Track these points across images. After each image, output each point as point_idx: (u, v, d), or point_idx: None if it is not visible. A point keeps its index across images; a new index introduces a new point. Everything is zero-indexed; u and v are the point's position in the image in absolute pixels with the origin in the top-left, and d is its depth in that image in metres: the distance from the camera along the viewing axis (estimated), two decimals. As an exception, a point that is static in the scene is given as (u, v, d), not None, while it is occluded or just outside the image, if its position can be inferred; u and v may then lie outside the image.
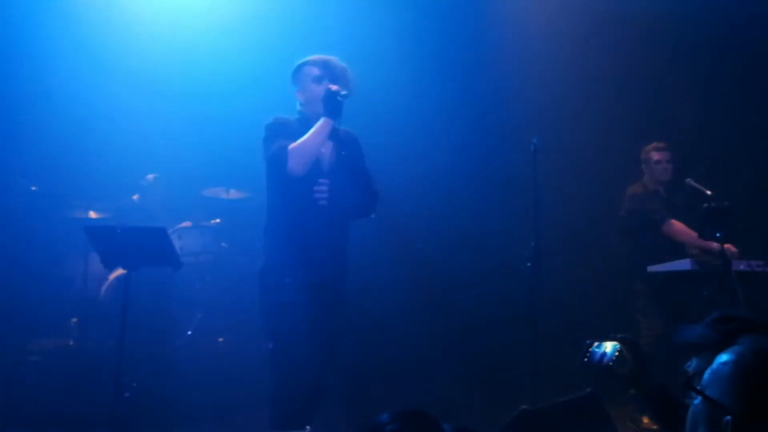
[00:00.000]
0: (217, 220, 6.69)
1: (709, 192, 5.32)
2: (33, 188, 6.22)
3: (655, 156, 5.70)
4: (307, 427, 3.09)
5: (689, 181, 5.50)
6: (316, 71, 3.66)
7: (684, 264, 5.27)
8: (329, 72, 3.64)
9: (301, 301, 3.52)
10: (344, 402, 4.91)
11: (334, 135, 3.67)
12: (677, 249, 5.53)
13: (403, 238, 6.62)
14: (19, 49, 6.42)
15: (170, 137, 6.81)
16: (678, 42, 6.64)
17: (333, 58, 3.71)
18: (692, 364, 2.39)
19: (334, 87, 3.54)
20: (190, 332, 6.14)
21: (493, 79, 6.80)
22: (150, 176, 6.73)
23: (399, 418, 1.64)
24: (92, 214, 6.29)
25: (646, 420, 5.25)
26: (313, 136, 3.53)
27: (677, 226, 5.48)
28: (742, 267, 5.12)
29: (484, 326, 6.34)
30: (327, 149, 3.68)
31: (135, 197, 6.69)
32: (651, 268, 5.41)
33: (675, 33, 6.63)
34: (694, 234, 5.35)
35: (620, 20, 6.69)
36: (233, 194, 6.61)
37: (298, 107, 3.79)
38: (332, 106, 3.52)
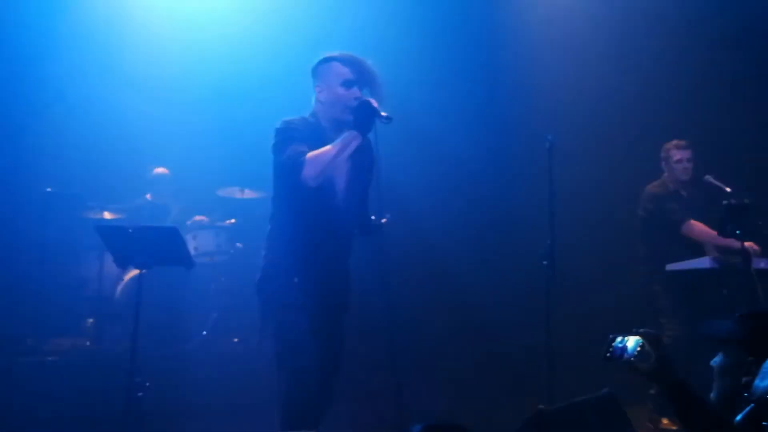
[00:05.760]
0: (232, 221, 6.69)
1: (728, 189, 5.24)
2: (48, 189, 6.24)
3: (676, 155, 5.59)
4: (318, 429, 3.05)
5: (708, 178, 5.42)
6: (347, 72, 3.32)
7: (703, 262, 5.21)
8: (361, 78, 3.30)
9: (308, 302, 3.40)
10: (354, 404, 4.88)
11: (359, 148, 3.36)
12: (696, 248, 5.45)
13: (419, 237, 6.60)
14: (33, 51, 6.45)
15: (184, 137, 6.83)
16: (699, 38, 6.56)
17: (367, 61, 3.36)
18: (717, 359, 2.36)
19: (374, 102, 3.19)
20: (205, 332, 6.15)
21: (510, 77, 6.77)
22: (159, 169, 6.75)
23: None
24: (107, 215, 6.31)
25: (665, 421, 5.19)
26: (337, 149, 3.19)
27: (697, 226, 5.37)
28: (762, 265, 5.04)
29: (501, 325, 6.31)
30: (346, 163, 3.39)
31: (148, 196, 6.70)
32: (670, 267, 5.35)
33: (696, 29, 6.55)
34: (713, 233, 5.26)
35: (639, 17, 6.63)
36: (248, 194, 6.61)
37: (314, 102, 3.52)
38: (365, 121, 3.18)
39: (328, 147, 3.21)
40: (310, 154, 3.20)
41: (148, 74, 6.81)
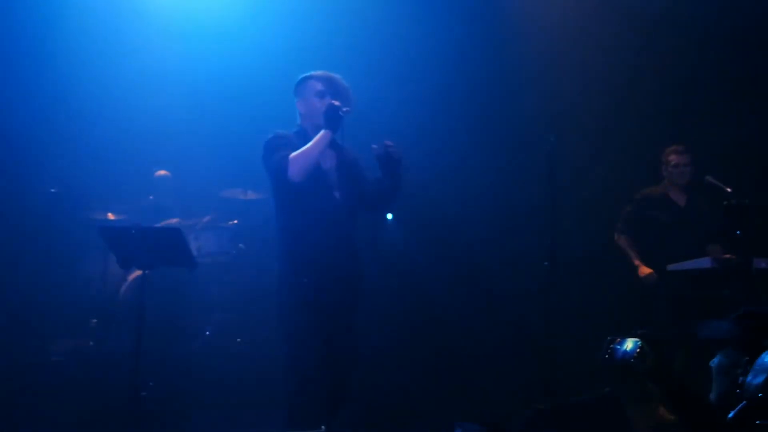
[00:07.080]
0: (235, 221, 6.71)
1: (729, 189, 5.25)
2: (52, 190, 6.27)
3: (674, 159, 5.65)
4: (322, 427, 3.11)
5: (708, 178, 5.44)
6: (319, 86, 3.84)
7: (704, 262, 5.23)
8: (332, 88, 3.81)
9: (320, 301, 3.60)
10: (360, 402, 4.91)
11: (337, 148, 3.85)
12: (690, 249, 5.47)
13: (419, 237, 6.62)
14: (37, 52, 6.48)
15: (188, 138, 6.85)
16: (700, 39, 6.56)
17: (337, 76, 3.89)
18: (716, 360, 2.38)
19: (336, 102, 3.73)
20: (208, 332, 6.17)
21: (510, 77, 6.77)
22: (161, 172, 6.77)
23: None
24: (111, 216, 6.34)
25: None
26: (312, 146, 3.68)
27: (621, 242, 5.66)
28: (763, 265, 5.05)
29: (501, 324, 6.32)
30: (332, 161, 3.85)
31: (151, 198, 6.72)
32: (671, 267, 5.37)
33: (696, 30, 6.55)
34: (635, 260, 5.54)
35: (639, 17, 6.64)
36: (251, 195, 6.63)
37: (299, 120, 3.94)
38: (333, 119, 3.69)
39: (305, 147, 3.71)
40: (292, 155, 3.68)
41: (152, 75, 6.83)
